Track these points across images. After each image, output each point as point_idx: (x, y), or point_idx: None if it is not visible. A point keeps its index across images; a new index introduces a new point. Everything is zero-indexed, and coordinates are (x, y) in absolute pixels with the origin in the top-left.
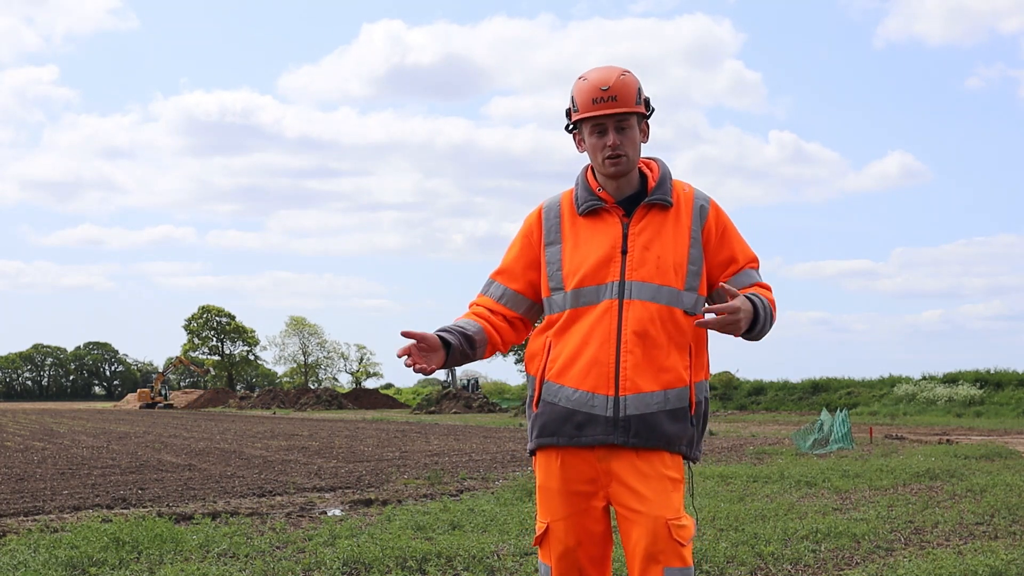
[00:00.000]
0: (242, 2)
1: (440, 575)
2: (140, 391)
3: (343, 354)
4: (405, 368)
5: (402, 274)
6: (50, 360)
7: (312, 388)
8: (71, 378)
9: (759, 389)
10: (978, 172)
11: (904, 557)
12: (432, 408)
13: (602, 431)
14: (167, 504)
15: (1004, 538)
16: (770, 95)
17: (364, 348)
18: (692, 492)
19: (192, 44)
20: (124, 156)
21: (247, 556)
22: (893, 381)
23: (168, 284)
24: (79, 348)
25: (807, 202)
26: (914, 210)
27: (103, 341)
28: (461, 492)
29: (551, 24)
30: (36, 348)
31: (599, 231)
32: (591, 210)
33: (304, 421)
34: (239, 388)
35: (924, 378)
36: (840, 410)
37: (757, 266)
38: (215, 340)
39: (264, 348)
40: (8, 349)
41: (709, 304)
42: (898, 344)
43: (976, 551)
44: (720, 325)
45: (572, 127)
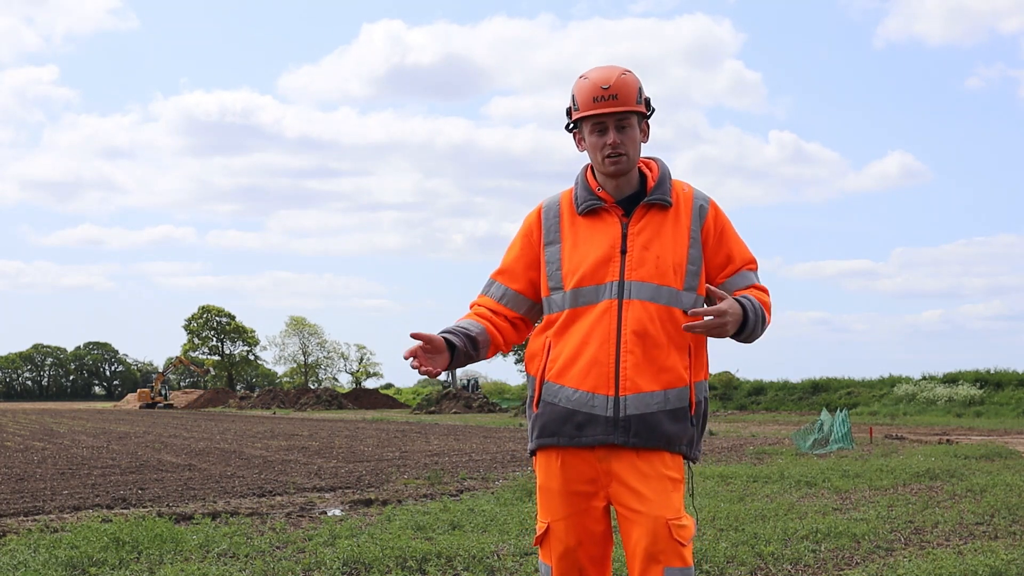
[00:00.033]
0: (242, 2)
1: (440, 575)
2: (140, 391)
3: (343, 354)
4: (410, 369)
5: (402, 274)
6: (50, 360)
7: (312, 388)
8: (71, 378)
9: (759, 389)
10: (978, 172)
11: (904, 557)
12: (432, 408)
13: (602, 431)
14: (167, 504)
15: (1004, 538)
16: (770, 95)
17: (364, 348)
18: (692, 492)
19: (192, 44)
20: (124, 156)
21: (247, 556)
22: (893, 381)
23: (168, 284)
24: (79, 348)
25: (807, 202)
26: (914, 210)
27: (103, 341)
28: (461, 492)
29: (551, 24)
30: (36, 348)
31: (598, 231)
32: (590, 209)
33: (304, 421)
34: (239, 388)
35: (924, 378)
36: (840, 410)
37: (755, 268)
38: (215, 340)
39: (264, 348)
40: (8, 349)
41: (708, 304)
42: (898, 344)
43: (976, 551)
44: (706, 328)
45: (573, 126)
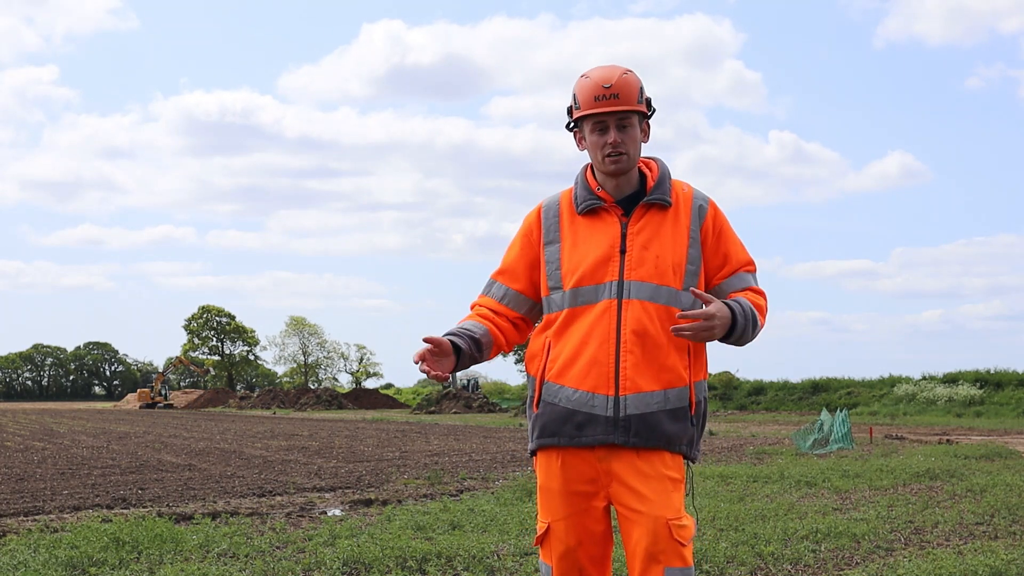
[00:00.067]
0: (242, 2)
1: (440, 575)
2: (140, 391)
3: (343, 354)
4: (419, 373)
5: (402, 274)
6: (50, 360)
7: (312, 388)
8: (71, 378)
9: (759, 389)
10: (978, 172)
11: (904, 557)
12: (432, 408)
13: (602, 431)
14: (167, 504)
15: (1004, 538)
16: (770, 95)
17: (364, 348)
18: (692, 492)
19: (192, 44)
20: (124, 156)
21: (247, 556)
22: (893, 381)
23: (168, 284)
24: (79, 348)
25: (807, 202)
26: (914, 210)
27: (103, 341)
28: (461, 492)
29: (551, 24)
30: (36, 348)
31: (598, 230)
32: (590, 209)
33: (304, 421)
34: (239, 388)
35: (924, 378)
36: (840, 410)
37: (753, 270)
38: (215, 340)
39: (264, 348)
40: (8, 349)
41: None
42: (898, 344)
43: (976, 551)
44: (693, 331)
45: (573, 125)
